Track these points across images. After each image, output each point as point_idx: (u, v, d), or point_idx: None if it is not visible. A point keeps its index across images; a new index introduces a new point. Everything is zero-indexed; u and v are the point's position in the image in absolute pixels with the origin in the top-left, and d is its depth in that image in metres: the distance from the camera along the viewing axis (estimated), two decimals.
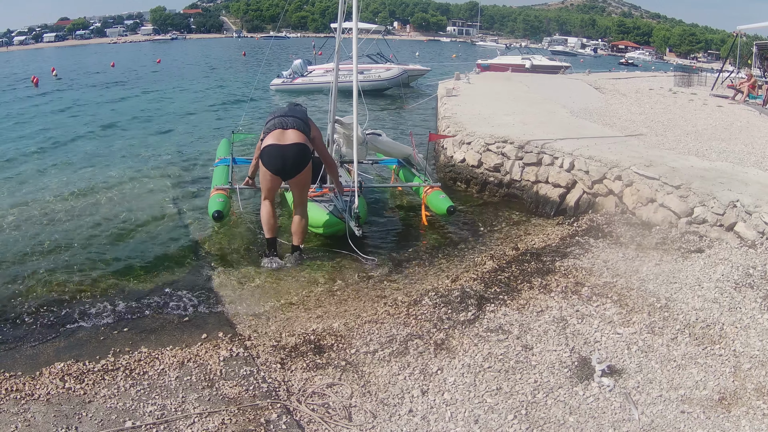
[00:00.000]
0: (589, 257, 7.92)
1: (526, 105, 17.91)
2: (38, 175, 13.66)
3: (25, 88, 37.87)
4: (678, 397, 4.73)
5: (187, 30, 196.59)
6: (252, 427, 4.63)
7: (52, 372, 5.53)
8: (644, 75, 39.70)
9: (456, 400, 4.88)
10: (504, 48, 66.33)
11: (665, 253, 7.76)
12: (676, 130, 14.36)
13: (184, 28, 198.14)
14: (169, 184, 12.83)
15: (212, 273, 8.42)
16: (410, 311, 6.65)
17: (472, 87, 23.75)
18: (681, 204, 8.67)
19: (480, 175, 12.46)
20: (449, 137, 13.62)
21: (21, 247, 9.28)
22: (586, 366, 5.18)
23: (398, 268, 8.59)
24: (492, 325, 6.11)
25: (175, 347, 6.10)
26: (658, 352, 5.40)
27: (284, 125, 8.45)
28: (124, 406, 4.91)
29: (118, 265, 8.69)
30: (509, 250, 8.82)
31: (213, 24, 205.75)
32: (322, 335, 6.25)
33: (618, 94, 23.04)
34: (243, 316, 7.07)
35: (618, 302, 6.43)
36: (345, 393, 5.11)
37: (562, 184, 10.81)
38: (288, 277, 8.23)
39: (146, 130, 20.66)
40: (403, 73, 32.28)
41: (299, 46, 33.47)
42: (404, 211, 11.44)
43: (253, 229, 10.04)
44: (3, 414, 4.80)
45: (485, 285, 7.22)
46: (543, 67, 43.05)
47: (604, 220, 9.54)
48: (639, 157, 10.24)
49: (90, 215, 10.76)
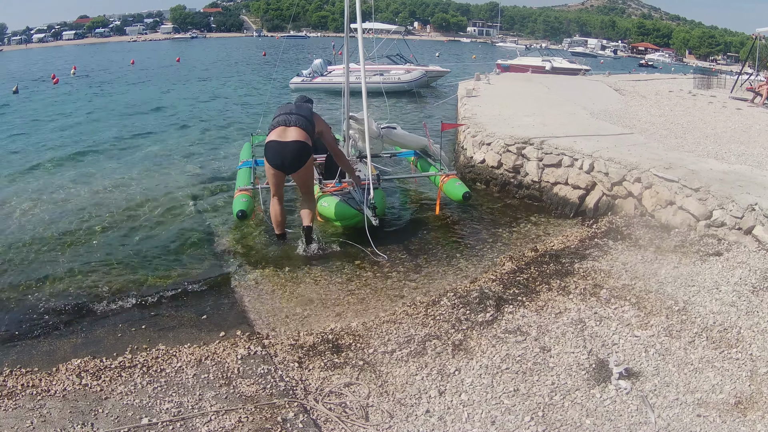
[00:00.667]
0: (608, 259, 7.92)
1: (546, 106, 17.84)
2: (56, 172, 13.78)
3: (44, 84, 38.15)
4: (694, 401, 4.73)
5: (207, 29, 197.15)
6: (269, 425, 4.66)
7: (68, 368, 5.60)
8: (664, 77, 39.33)
9: (473, 401, 4.91)
10: (524, 49, 65.91)
11: (684, 256, 7.74)
12: (696, 133, 14.26)
13: (204, 26, 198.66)
14: (188, 182, 12.93)
15: (231, 271, 8.46)
16: (429, 311, 6.69)
17: (492, 88, 23.68)
18: (700, 207, 8.63)
19: (500, 176, 12.45)
20: (462, 125, 13.77)
21: (38, 243, 9.37)
22: (603, 368, 5.20)
23: (417, 267, 8.59)
24: (510, 327, 6.14)
25: (192, 345, 6.16)
26: (676, 355, 5.40)
27: (287, 122, 8.74)
28: (141, 403, 4.96)
29: (137, 262, 8.75)
30: (528, 252, 8.82)
31: (233, 23, 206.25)
32: (341, 334, 6.29)
33: (638, 96, 22.88)
34: (261, 314, 7.10)
35: (636, 305, 6.43)
36: (362, 392, 5.15)
37: (582, 186, 10.79)
38: (307, 276, 8.26)
39: (167, 128, 20.78)
40: (423, 75, 32.20)
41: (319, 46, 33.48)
42: (424, 211, 11.43)
43: (270, 228, 10.02)
44: (19, 409, 4.86)
45: (504, 286, 7.24)
46: (563, 69, 42.80)
47: (623, 222, 9.52)
48: (658, 160, 10.20)
49: (108, 212, 10.85)
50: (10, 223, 10.14)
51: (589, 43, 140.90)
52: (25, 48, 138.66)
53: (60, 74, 43.05)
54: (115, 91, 34.00)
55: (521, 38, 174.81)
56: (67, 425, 4.65)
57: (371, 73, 31.68)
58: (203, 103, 28.54)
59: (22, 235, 9.71)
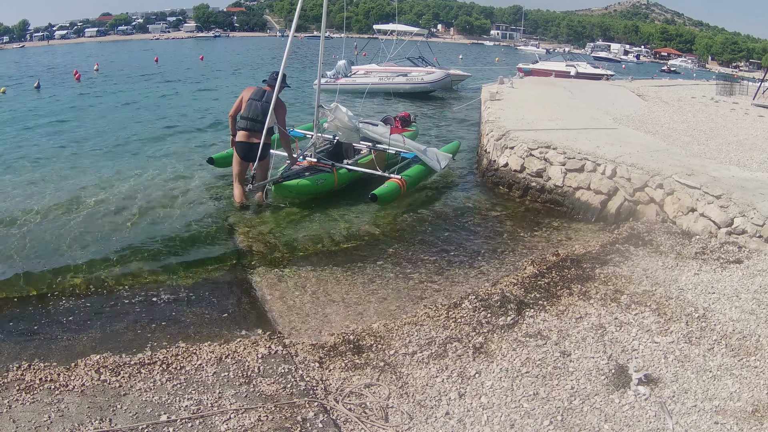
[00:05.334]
0: (629, 265, 7.87)
1: (569, 110, 17.73)
2: (79, 169, 13.62)
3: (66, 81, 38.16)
4: (712, 408, 4.70)
5: (230, 28, 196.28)
6: (288, 424, 4.67)
7: (87, 364, 5.58)
8: (686, 83, 38.93)
9: (493, 404, 4.91)
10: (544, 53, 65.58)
11: (704, 263, 7.68)
12: (718, 140, 14.14)
13: (227, 25, 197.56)
14: (211, 180, 12.85)
15: (252, 270, 8.45)
16: (450, 314, 6.69)
17: (515, 91, 23.57)
18: (721, 214, 8.56)
19: (522, 180, 12.40)
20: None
21: (60, 239, 9.28)
22: (623, 374, 5.18)
23: (439, 270, 8.57)
24: (531, 331, 6.13)
25: (213, 343, 6.14)
26: (695, 362, 5.36)
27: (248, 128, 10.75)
28: (160, 399, 4.96)
29: (158, 260, 8.70)
30: (550, 256, 8.78)
31: (256, 22, 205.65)
32: (362, 335, 6.30)
33: (660, 102, 22.71)
34: (282, 313, 7.08)
35: (656, 311, 6.39)
36: (382, 393, 5.15)
37: (604, 191, 10.73)
38: (329, 275, 8.26)
39: (190, 125, 20.57)
40: (446, 76, 32.11)
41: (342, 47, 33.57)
42: (446, 214, 11.38)
43: (295, 227, 10.15)
44: (37, 404, 4.87)
45: (525, 290, 7.23)
46: (587, 74, 42.56)
47: (644, 228, 9.46)
48: (681, 166, 10.13)
49: (130, 209, 10.77)
50: (30, 218, 10.09)
51: (612, 48, 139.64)
52: (47, 44, 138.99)
53: (82, 71, 42.69)
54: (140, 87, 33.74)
55: (544, 42, 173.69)
56: (84, 420, 4.66)
57: (394, 74, 31.69)
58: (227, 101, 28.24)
59: (43, 229, 9.67)
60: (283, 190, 11.19)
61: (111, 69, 49.55)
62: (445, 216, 11.30)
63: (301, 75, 39.85)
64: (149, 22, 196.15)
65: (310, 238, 9.70)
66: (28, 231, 9.58)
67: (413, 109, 23.93)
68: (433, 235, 10.18)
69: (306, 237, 9.72)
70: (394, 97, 29.30)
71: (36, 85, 33.55)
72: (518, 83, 28.33)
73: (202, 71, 48.26)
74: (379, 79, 31.22)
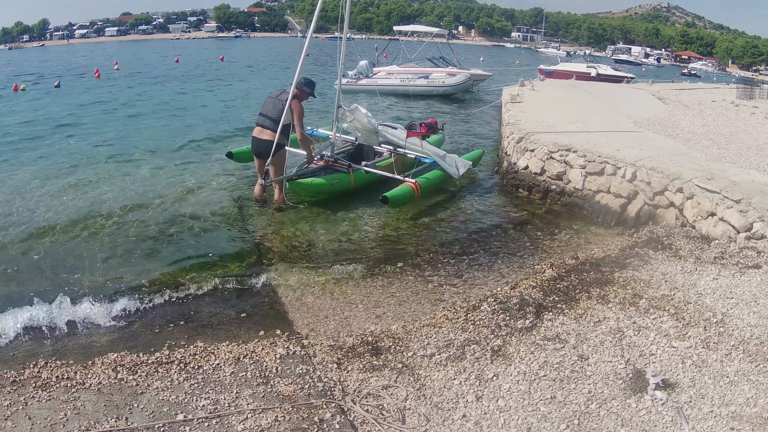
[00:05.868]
0: (648, 269, 7.85)
1: (589, 113, 17.67)
2: (98, 169, 13.62)
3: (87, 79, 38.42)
4: (729, 414, 4.70)
5: (251, 28, 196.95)
6: (305, 425, 4.71)
7: (104, 362, 5.66)
8: (707, 86, 38.59)
9: (510, 407, 4.94)
10: (564, 55, 65.24)
11: (723, 268, 7.65)
12: (738, 144, 14.05)
13: (248, 26, 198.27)
14: (230, 180, 12.88)
15: (271, 270, 8.47)
16: (468, 316, 6.72)
17: (536, 94, 23.51)
18: (741, 219, 8.52)
19: (542, 183, 12.39)
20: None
21: (79, 237, 9.32)
22: (640, 378, 5.19)
23: (458, 272, 8.59)
24: (549, 334, 6.14)
25: (231, 342, 6.20)
26: (712, 367, 5.36)
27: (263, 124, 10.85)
28: (177, 399, 5.02)
29: (176, 259, 8.72)
30: (569, 259, 8.78)
31: (277, 23, 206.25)
32: (380, 337, 6.34)
33: (681, 105, 22.58)
34: (301, 314, 7.12)
35: (675, 315, 6.38)
36: (400, 395, 5.19)
37: (624, 195, 10.70)
38: (348, 277, 8.31)
39: (209, 125, 20.51)
40: (468, 79, 31.98)
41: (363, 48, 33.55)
42: (466, 217, 11.40)
43: (314, 228, 10.18)
44: (53, 401, 4.94)
45: (544, 293, 7.23)
46: (608, 76, 42.35)
47: (663, 232, 9.43)
48: (701, 170, 10.09)
49: (149, 208, 10.81)
50: (49, 216, 10.17)
51: (633, 50, 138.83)
52: (67, 43, 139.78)
53: (102, 70, 42.76)
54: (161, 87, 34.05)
55: (565, 44, 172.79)
56: (101, 418, 4.71)
57: (416, 75, 31.63)
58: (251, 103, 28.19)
59: (62, 227, 9.71)
60: (297, 188, 11.27)
61: (131, 68, 49.96)
62: (464, 218, 11.33)
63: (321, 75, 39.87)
64: (170, 22, 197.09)
65: (330, 239, 9.75)
66: (44, 228, 9.66)
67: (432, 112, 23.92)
68: (452, 236, 10.22)
69: (325, 238, 9.77)
70: (414, 98, 29.26)
71: (56, 84, 33.82)
72: (539, 86, 28.26)
73: (223, 71, 48.46)
74: (400, 81, 31.21)
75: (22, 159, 14.53)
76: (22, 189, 11.78)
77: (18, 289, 7.53)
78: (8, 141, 16.90)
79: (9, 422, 4.65)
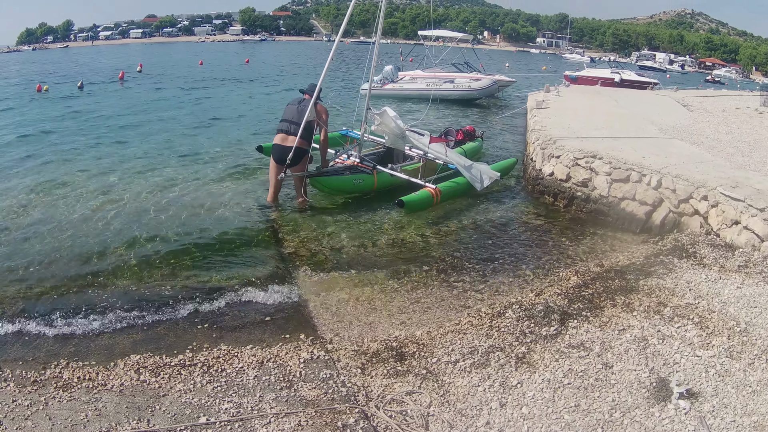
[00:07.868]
0: (673, 277, 7.80)
1: (615, 120, 17.55)
2: (125, 170, 13.72)
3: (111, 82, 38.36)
4: (751, 423, 4.67)
5: (276, 32, 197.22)
6: (328, 430, 4.73)
7: (127, 364, 5.69)
8: (731, 93, 38.12)
9: (534, 415, 4.93)
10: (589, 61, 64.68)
11: (747, 277, 7.58)
12: (762, 151, 13.86)
13: (273, 29, 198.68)
14: (255, 184, 12.85)
15: (296, 274, 8.45)
16: (493, 323, 6.70)
17: (561, 100, 23.40)
18: (765, 227, 8.43)
19: (567, 190, 12.31)
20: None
21: (104, 239, 9.34)
22: (664, 387, 5.16)
23: (483, 278, 8.56)
24: (574, 342, 6.13)
25: (255, 346, 6.21)
26: (735, 376, 5.32)
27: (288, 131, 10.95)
28: (200, 401, 5.04)
29: (201, 262, 8.71)
30: (594, 267, 8.75)
31: (303, 27, 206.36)
32: (405, 342, 6.33)
33: (705, 112, 22.32)
34: (326, 318, 7.09)
35: (699, 324, 6.34)
36: (424, 401, 5.19)
37: (649, 202, 10.62)
38: (373, 282, 8.29)
39: (236, 129, 20.46)
40: (493, 84, 31.82)
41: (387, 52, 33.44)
42: (491, 223, 11.33)
43: (338, 232, 10.17)
44: (74, 402, 4.97)
45: (569, 300, 7.21)
46: (632, 82, 42.05)
47: (688, 240, 9.36)
48: (725, 178, 9.99)
49: (174, 211, 10.82)
50: (74, 219, 10.23)
51: (657, 57, 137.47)
52: (91, 45, 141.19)
53: (127, 72, 42.98)
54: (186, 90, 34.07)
55: (589, 50, 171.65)
56: (122, 420, 4.74)
57: (441, 80, 31.49)
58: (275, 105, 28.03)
59: (86, 230, 9.75)
60: (319, 185, 11.51)
61: (156, 70, 50.20)
62: (489, 224, 11.26)
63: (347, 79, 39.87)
64: (195, 25, 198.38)
65: (354, 243, 9.75)
66: (71, 229, 9.75)
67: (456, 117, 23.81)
68: (477, 243, 10.17)
69: (350, 242, 9.78)
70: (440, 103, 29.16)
71: (79, 85, 33.96)
72: (564, 92, 28.10)
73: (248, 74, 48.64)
74: (426, 86, 31.13)
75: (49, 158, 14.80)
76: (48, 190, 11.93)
77: (41, 290, 7.57)
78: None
79: (29, 422, 4.70)
